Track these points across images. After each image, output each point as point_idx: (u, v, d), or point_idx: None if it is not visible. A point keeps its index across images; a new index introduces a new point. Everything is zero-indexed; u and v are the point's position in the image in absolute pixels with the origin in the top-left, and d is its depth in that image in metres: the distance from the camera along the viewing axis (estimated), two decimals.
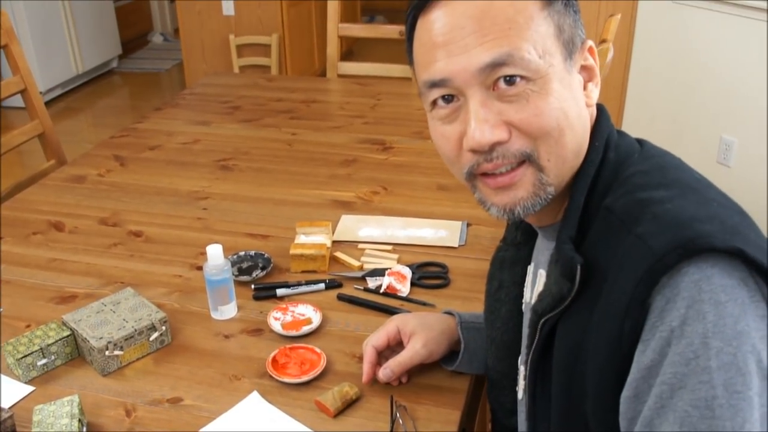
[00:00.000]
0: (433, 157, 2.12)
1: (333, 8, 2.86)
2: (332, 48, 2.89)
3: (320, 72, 5.23)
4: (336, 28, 2.87)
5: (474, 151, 0.83)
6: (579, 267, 0.79)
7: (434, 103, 0.86)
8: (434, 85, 0.84)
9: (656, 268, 0.71)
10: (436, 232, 1.71)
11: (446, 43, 0.81)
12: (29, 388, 1.27)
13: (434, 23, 0.82)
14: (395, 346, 1.25)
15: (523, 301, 1.07)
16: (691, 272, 0.70)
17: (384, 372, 1.21)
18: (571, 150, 0.84)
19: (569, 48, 0.83)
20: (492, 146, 0.82)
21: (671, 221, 0.74)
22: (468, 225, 1.73)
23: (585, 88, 0.87)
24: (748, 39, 3.15)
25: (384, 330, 1.25)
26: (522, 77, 0.80)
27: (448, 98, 0.84)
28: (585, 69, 0.87)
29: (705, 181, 0.83)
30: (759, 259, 0.70)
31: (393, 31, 2.80)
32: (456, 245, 1.66)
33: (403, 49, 0.91)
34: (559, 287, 0.83)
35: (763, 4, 3.02)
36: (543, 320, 0.86)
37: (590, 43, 0.87)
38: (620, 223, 0.78)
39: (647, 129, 3.76)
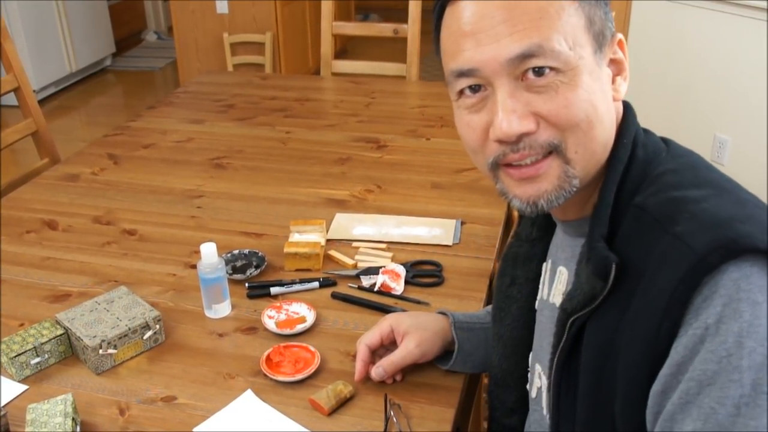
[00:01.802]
0: (428, 155, 2.12)
1: (327, 6, 2.86)
2: (326, 46, 2.89)
3: (314, 70, 5.23)
4: (330, 26, 2.87)
5: (501, 141, 0.82)
6: (614, 266, 0.78)
7: (461, 92, 0.85)
8: (462, 74, 0.83)
9: (698, 269, 0.70)
10: (430, 231, 1.71)
11: (475, 32, 0.80)
12: (23, 387, 1.26)
13: (463, 11, 0.81)
14: (389, 345, 1.25)
15: (538, 298, 1.05)
16: (730, 270, 0.69)
17: (377, 371, 1.21)
18: (600, 143, 0.83)
19: (599, 40, 0.82)
20: (519, 137, 0.80)
21: (711, 221, 0.73)
22: (462, 223, 1.74)
23: (613, 81, 0.86)
24: (742, 37, 3.16)
25: (377, 329, 1.25)
26: (551, 68, 0.79)
27: (476, 88, 0.83)
28: (614, 62, 0.86)
29: (734, 181, 0.83)
30: None
31: (387, 29, 2.79)
32: (450, 243, 1.66)
33: (397, 48, 0.91)
34: (591, 286, 0.81)
35: (758, 3, 3.03)
36: (572, 319, 0.84)
37: (620, 36, 0.86)
38: (655, 222, 0.77)
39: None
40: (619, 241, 0.81)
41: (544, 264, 1.04)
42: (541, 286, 1.04)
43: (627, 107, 0.90)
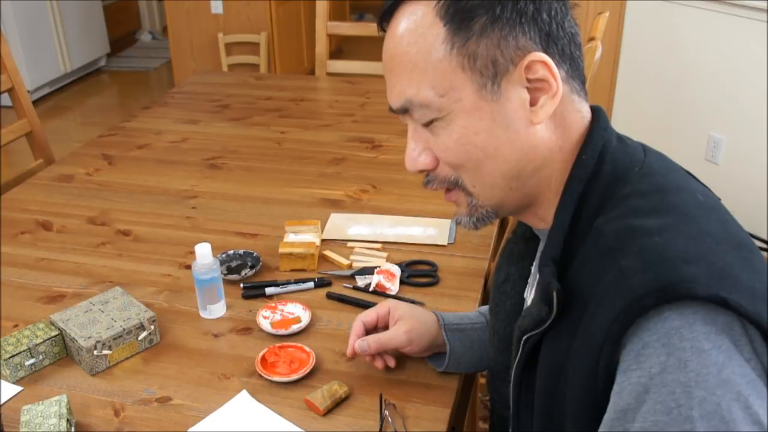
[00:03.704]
0: None
1: (322, 6, 2.85)
2: (321, 46, 2.89)
3: (309, 70, 5.23)
4: (325, 26, 2.86)
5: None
6: (555, 294, 0.77)
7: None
8: (391, 109, 0.88)
9: (632, 310, 0.68)
10: (425, 230, 1.71)
11: (385, 76, 0.87)
12: (17, 388, 1.26)
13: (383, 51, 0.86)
14: (383, 328, 1.26)
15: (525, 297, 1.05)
16: (671, 318, 0.67)
17: (360, 343, 1.22)
18: (500, 176, 0.83)
19: (489, 72, 0.79)
20: (422, 172, 0.88)
21: (656, 258, 0.70)
22: (457, 223, 1.73)
23: (534, 103, 0.80)
24: (737, 37, 3.17)
25: (376, 309, 1.26)
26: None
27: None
28: (532, 82, 0.80)
29: (707, 204, 0.79)
30: (743, 306, 0.67)
31: None
32: (445, 243, 1.66)
33: None
34: (538, 310, 0.81)
35: (753, 3, 3.04)
36: (525, 337, 0.84)
37: (534, 57, 0.78)
38: (608, 250, 0.75)
39: (636, 127, 3.77)
40: (577, 264, 0.80)
41: (534, 264, 1.03)
42: (528, 286, 1.04)
43: (596, 117, 0.85)
